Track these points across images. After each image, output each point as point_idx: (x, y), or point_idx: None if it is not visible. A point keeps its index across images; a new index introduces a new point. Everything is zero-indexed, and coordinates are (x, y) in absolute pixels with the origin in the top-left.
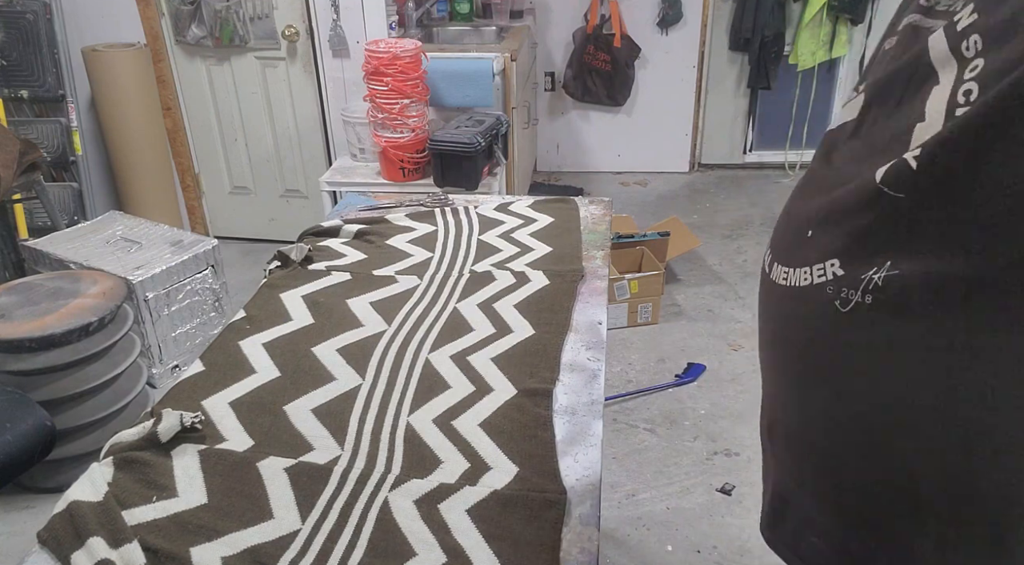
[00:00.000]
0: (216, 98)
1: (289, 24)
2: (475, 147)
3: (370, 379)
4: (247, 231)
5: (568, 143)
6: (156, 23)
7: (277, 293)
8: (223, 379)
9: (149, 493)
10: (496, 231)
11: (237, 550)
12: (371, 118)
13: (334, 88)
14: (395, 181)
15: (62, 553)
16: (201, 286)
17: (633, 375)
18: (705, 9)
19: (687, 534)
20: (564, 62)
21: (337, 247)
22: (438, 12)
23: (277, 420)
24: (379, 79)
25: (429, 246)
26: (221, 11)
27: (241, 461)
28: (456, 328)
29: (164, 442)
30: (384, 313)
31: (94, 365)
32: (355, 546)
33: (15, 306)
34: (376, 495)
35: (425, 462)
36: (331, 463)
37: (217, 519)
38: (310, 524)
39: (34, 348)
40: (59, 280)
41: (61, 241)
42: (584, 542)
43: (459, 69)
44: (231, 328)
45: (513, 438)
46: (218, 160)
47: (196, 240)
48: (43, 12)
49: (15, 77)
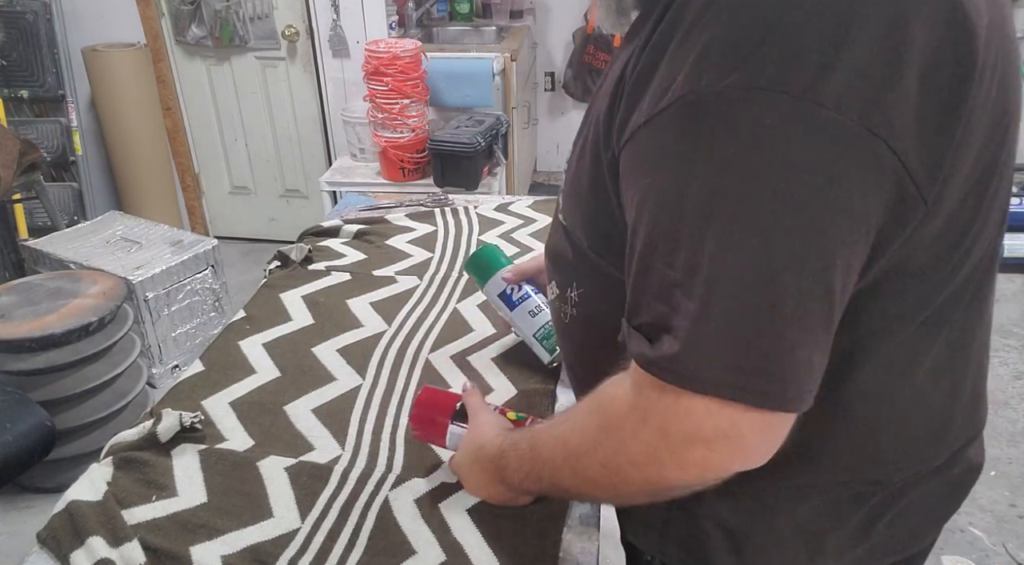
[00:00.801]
0: (216, 98)
1: (289, 24)
2: (475, 147)
3: (370, 379)
4: (247, 231)
5: (568, 143)
6: (156, 23)
7: (277, 293)
8: (223, 379)
9: (149, 492)
10: (496, 231)
11: (237, 549)
12: (371, 118)
13: (334, 88)
14: (395, 181)
15: (61, 553)
16: (201, 286)
17: None
18: None
19: None
20: (564, 62)
21: (337, 247)
22: (438, 12)
23: (277, 420)
24: (379, 79)
25: (429, 246)
26: (221, 11)
27: (241, 460)
28: (456, 328)
29: (164, 442)
30: (384, 313)
31: (94, 365)
32: (355, 544)
33: (15, 306)
34: (376, 494)
35: (426, 461)
36: (331, 462)
37: (217, 518)
38: (310, 523)
39: (34, 348)
40: (59, 280)
41: (61, 241)
42: (584, 542)
43: (459, 69)
44: (231, 328)
45: None
46: (218, 160)
47: (196, 240)
48: (43, 12)
49: (15, 77)
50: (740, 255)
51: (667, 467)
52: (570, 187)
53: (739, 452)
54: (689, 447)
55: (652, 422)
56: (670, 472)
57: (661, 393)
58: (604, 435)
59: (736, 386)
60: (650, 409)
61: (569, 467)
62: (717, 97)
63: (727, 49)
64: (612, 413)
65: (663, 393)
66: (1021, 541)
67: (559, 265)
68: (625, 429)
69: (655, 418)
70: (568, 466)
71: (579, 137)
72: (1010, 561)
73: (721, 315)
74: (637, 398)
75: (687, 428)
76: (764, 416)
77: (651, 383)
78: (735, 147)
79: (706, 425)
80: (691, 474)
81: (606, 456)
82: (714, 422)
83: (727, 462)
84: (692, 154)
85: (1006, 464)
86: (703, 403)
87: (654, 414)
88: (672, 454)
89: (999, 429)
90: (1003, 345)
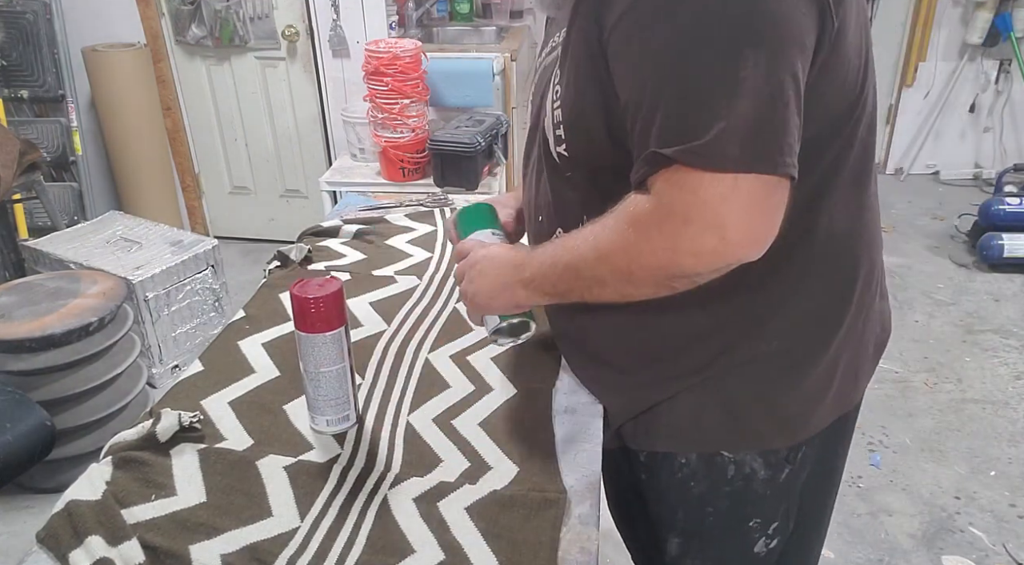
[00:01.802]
0: (216, 98)
1: (289, 24)
2: (475, 147)
3: (370, 378)
4: (247, 231)
5: None
6: (156, 23)
7: (277, 293)
8: (222, 379)
9: (148, 492)
10: None
11: (236, 548)
12: (371, 118)
13: (334, 88)
14: (395, 181)
15: (60, 552)
16: (201, 286)
17: None
18: None
19: None
20: None
21: (337, 247)
22: (438, 12)
23: (277, 419)
24: (379, 79)
25: (429, 246)
26: (221, 11)
27: (240, 460)
28: (456, 328)
29: (163, 441)
30: (384, 313)
31: (94, 365)
32: (354, 543)
33: (15, 306)
34: (375, 493)
35: (425, 461)
36: (331, 462)
37: (216, 517)
38: (309, 521)
39: (34, 348)
40: (59, 280)
41: (61, 241)
42: (584, 542)
43: (459, 69)
44: (231, 328)
45: (513, 438)
46: (218, 160)
47: (196, 240)
48: (43, 12)
49: (15, 77)
50: (745, 66)
51: (682, 254)
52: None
53: (747, 234)
54: (705, 233)
55: (676, 215)
56: (684, 258)
57: (681, 190)
58: (632, 231)
59: (753, 159)
60: (673, 204)
61: (593, 252)
62: None
63: None
64: (639, 214)
65: (682, 190)
66: (1021, 541)
67: (565, 206)
68: (651, 224)
69: (678, 211)
70: (592, 251)
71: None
72: (1010, 561)
73: (741, 111)
74: (660, 199)
75: (705, 215)
76: (768, 185)
77: (673, 182)
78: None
79: (721, 209)
80: (704, 260)
81: (630, 247)
82: (728, 205)
83: (735, 247)
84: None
85: (1006, 464)
86: (723, 182)
87: (677, 208)
88: (690, 241)
89: (999, 429)
90: (1003, 345)
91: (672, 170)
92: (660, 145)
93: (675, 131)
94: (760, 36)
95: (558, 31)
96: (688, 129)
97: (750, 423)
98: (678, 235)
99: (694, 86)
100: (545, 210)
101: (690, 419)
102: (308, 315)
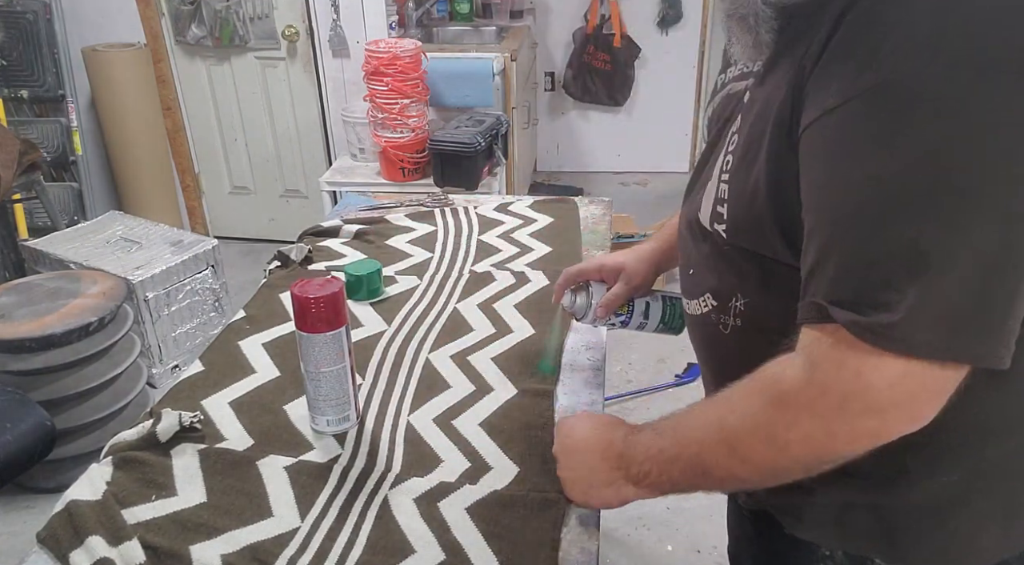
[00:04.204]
0: (216, 98)
1: (289, 24)
2: (475, 147)
3: (370, 379)
4: (247, 231)
5: (568, 143)
6: (156, 23)
7: (277, 293)
8: (223, 379)
9: (148, 492)
10: (496, 231)
11: (236, 548)
12: (371, 118)
13: (334, 88)
14: (395, 181)
15: (61, 552)
16: (201, 286)
17: (633, 375)
18: (705, 9)
19: (687, 534)
20: (564, 62)
21: (337, 247)
22: (438, 12)
23: (277, 419)
24: (379, 79)
25: (429, 246)
26: (221, 11)
27: (241, 460)
28: (456, 328)
29: (163, 442)
30: (384, 313)
31: (94, 365)
32: (354, 543)
33: (15, 306)
34: (376, 493)
35: (425, 461)
36: (331, 462)
37: (216, 517)
38: (309, 521)
39: (34, 348)
40: (59, 280)
41: (61, 241)
42: (584, 542)
43: (459, 69)
44: (231, 328)
45: (513, 438)
46: (218, 160)
47: (196, 240)
48: (43, 12)
49: (15, 77)
50: (966, 233)
51: (838, 439)
52: (737, 197)
53: (911, 420)
54: (863, 417)
55: (832, 395)
56: (840, 444)
57: (840, 368)
58: (774, 411)
59: (947, 348)
60: (829, 383)
61: (724, 447)
62: (917, 78)
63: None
64: (784, 391)
65: (841, 368)
66: None
67: (719, 276)
68: (800, 404)
69: (835, 391)
70: (723, 446)
71: (739, 146)
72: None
73: (951, 287)
74: (814, 373)
75: (866, 399)
76: (960, 372)
77: (833, 357)
78: (947, 126)
79: (884, 395)
80: (860, 444)
81: (773, 432)
82: (894, 391)
83: (896, 427)
84: (897, 136)
85: None
86: (894, 367)
87: (834, 388)
88: (847, 425)
89: None
90: None
91: (833, 332)
92: (828, 296)
93: (850, 289)
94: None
95: (760, 57)
96: (866, 292)
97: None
98: (832, 418)
99: (892, 240)
100: (697, 266)
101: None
102: (309, 315)
